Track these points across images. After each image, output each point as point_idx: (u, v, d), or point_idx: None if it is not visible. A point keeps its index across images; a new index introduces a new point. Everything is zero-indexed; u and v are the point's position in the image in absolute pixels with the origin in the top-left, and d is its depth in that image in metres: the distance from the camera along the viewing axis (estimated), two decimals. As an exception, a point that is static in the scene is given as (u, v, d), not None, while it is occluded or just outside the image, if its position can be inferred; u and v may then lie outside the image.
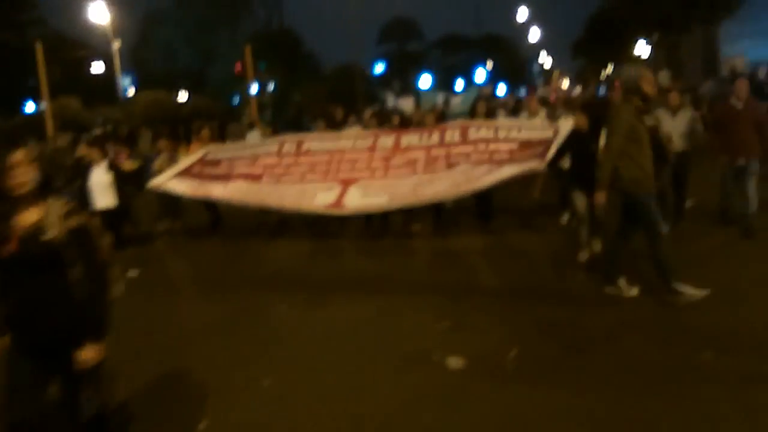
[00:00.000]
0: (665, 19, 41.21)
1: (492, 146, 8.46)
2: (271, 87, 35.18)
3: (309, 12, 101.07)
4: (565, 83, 61.71)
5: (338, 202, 8.32)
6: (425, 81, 43.79)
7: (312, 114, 19.25)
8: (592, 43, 56.00)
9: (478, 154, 8.42)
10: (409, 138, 9.18)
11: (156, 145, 12.64)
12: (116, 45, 34.43)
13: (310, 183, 8.90)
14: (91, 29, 37.50)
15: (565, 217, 9.34)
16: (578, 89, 58.87)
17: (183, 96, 48.04)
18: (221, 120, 26.64)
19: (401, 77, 53.68)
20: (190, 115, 36.14)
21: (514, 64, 63.33)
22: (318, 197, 8.50)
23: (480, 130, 8.84)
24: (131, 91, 45.41)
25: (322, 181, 8.84)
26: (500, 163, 8.08)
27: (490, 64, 57.97)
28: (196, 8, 47.07)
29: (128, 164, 10.65)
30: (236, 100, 44.82)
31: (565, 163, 7.91)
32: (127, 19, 48.22)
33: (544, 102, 18.35)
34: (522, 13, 59.65)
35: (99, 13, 34.69)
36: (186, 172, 9.88)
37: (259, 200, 9.10)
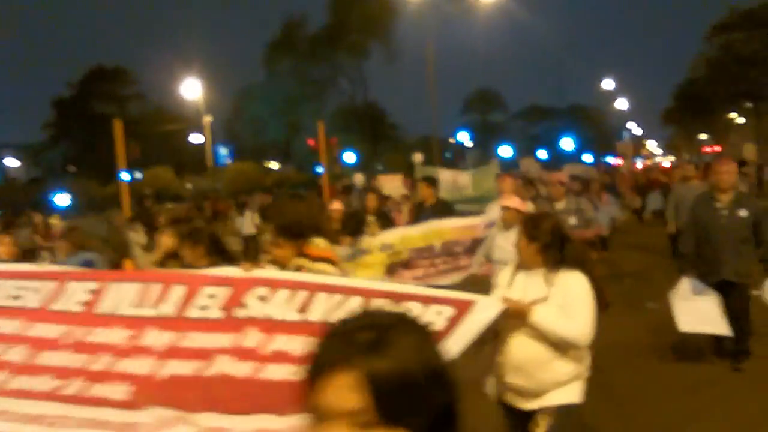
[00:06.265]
0: (754, 89, 40.25)
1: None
2: (352, 158, 36.34)
3: (393, 85, 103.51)
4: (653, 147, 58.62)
5: None
6: (505, 151, 44.21)
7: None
8: (682, 112, 54.97)
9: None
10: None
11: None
12: (207, 118, 36.56)
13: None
14: (188, 103, 40.18)
15: None
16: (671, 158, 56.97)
17: (274, 165, 50.27)
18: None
19: (482, 147, 54.12)
20: (274, 185, 37.69)
21: (600, 133, 62.65)
22: None
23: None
24: (227, 162, 47.97)
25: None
26: None
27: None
28: (284, 84, 49.55)
29: None
30: (320, 169, 46.31)
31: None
32: (221, 94, 51.29)
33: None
34: (607, 84, 59.38)
35: (191, 89, 37.23)
36: None
37: None
